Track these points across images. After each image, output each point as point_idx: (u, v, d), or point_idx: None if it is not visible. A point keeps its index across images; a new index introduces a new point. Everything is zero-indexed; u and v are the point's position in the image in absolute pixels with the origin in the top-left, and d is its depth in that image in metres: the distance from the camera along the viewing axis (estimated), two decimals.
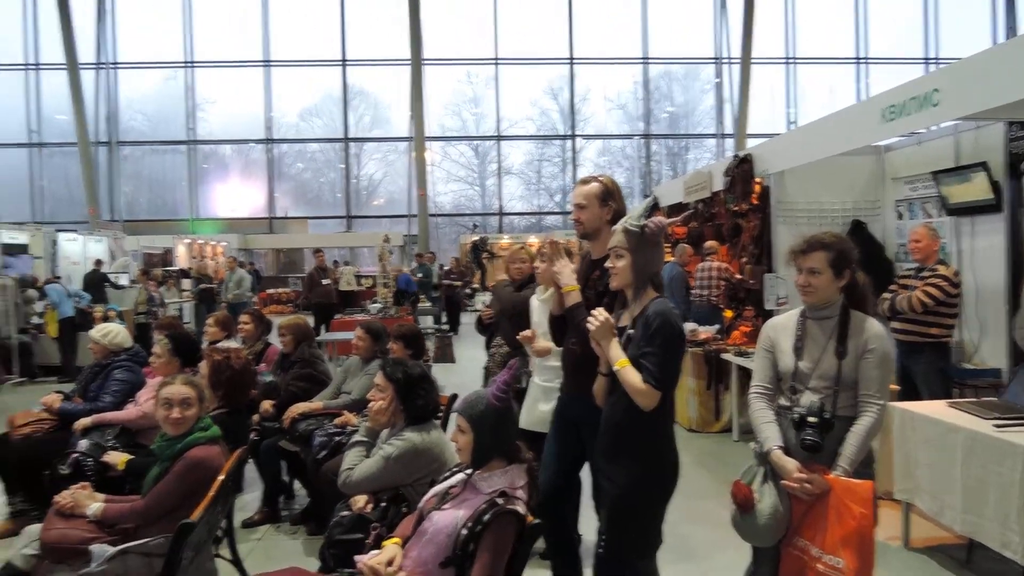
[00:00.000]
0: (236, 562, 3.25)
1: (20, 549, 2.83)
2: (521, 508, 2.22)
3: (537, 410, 3.40)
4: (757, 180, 6.63)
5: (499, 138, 22.20)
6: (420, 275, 13.41)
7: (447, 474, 2.50)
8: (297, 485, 4.64)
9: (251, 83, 21.17)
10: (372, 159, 22.70)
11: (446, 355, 10.07)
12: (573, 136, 22.25)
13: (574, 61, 21.62)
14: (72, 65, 18.77)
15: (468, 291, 15.04)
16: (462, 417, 2.33)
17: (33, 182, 20.71)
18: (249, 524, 4.28)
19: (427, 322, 12.47)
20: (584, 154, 22.64)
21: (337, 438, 3.94)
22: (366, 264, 19.62)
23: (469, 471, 2.35)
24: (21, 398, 8.20)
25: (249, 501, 4.63)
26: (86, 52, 19.66)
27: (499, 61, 21.55)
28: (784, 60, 21.80)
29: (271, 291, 15.80)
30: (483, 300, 14.15)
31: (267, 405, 4.55)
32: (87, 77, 19.69)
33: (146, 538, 2.76)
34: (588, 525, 3.04)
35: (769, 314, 5.52)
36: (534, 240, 16.91)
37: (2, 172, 20.47)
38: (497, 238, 19.86)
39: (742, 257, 6.98)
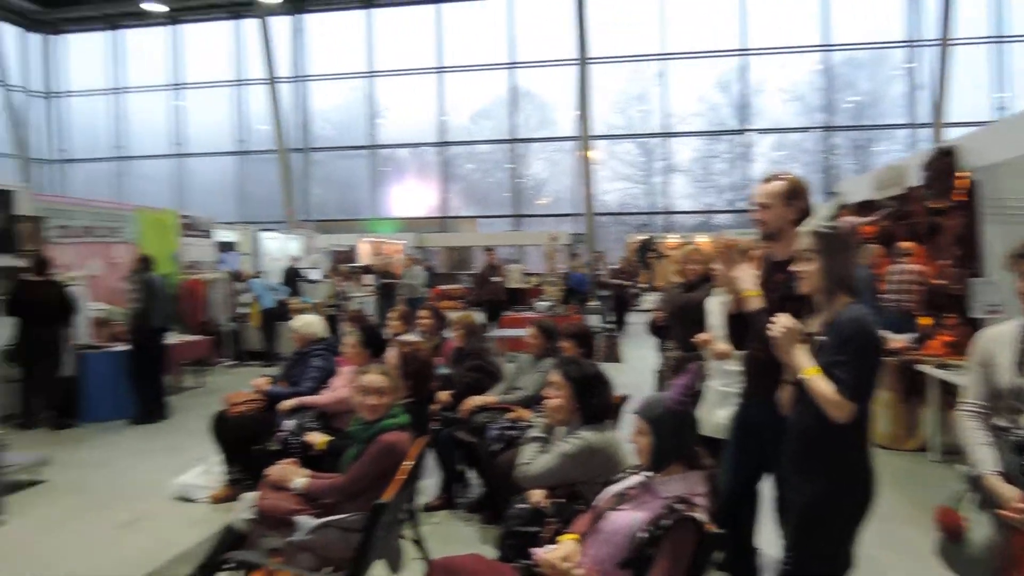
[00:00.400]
0: (418, 543, 3.46)
1: (239, 514, 3.19)
2: (701, 515, 2.18)
3: (714, 415, 3.32)
4: (961, 175, 6.00)
5: (666, 135, 21.74)
6: None
7: (622, 475, 2.51)
8: (472, 474, 4.83)
9: (425, 89, 22.25)
10: (538, 159, 23.08)
11: (613, 354, 10.04)
12: (743, 131, 21.29)
13: (746, 52, 20.69)
14: (271, 80, 20.74)
15: (635, 291, 14.89)
16: (641, 419, 2.33)
17: (239, 186, 23.14)
18: (428, 509, 4.53)
19: (592, 321, 12.49)
20: (757, 149, 21.61)
21: (511, 432, 4.07)
22: (531, 262, 19.99)
23: (647, 473, 2.35)
24: (232, 379, 9.21)
25: (426, 487, 4.89)
26: (283, 68, 21.63)
27: (666, 56, 21.10)
28: (991, 39, 19.50)
29: (443, 287, 16.55)
30: (650, 300, 13.95)
31: (445, 396, 4.78)
32: (284, 90, 21.65)
33: (343, 514, 3.02)
34: (767, 538, 2.92)
35: (976, 323, 4.99)
36: (703, 239, 16.41)
37: (215, 177, 23.07)
38: (662, 237, 19.48)
39: (943, 259, 6.35)
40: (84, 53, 23.59)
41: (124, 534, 4.30)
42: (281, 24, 21.71)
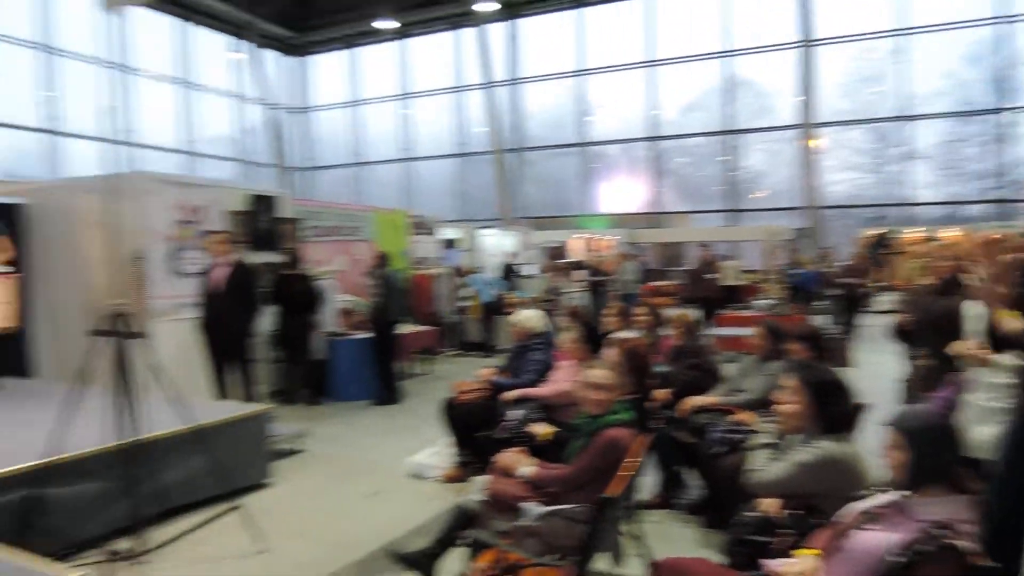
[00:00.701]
0: (638, 539, 3.47)
1: (471, 495, 3.41)
2: (966, 545, 1.96)
3: (976, 433, 2.96)
4: None
5: (903, 118, 19.59)
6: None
7: (868, 491, 2.34)
8: (690, 475, 4.73)
9: (635, 84, 22.06)
10: (755, 150, 21.93)
11: (842, 359, 9.27)
12: (1000, 110, 18.53)
13: (1006, 19, 18.00)
14: (488, 85, 21.78)
15: (866, 290, 13.64)
16: (898, 432, 2.14)
17: (459, 186, 24.58)
18: (646, 507, 4.51)
19: (819, 322, 11.63)
20: (1021, 129, 18.71)
21: (734, 435, 3.93)
22: (747, 259, 19.04)
23: (901, 492, 2.16)
24: (455, 368, 9.84)
25: (643, 485, 4.86)
26: (498, 72, 22.60)
27: (903, 32, 19.00)
28: None
29: (655, 283, 16.34)
30: (886, 301, 12.69)
31: (662, 394, 4.73)
32: (500, 93, 22.63)
33: (567, 504, 3.11)
34: None
35: None
36: (950, 233, 14.59)
37: (438, 179, 24.73)
38: (898, 232, 17.60)
39: None
40: (326, 71, 26.41)
41: (368, 504, 4.77)
42: (497, 31, 22.69)
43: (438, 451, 5.28)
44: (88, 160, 17.33)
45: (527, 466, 3.29)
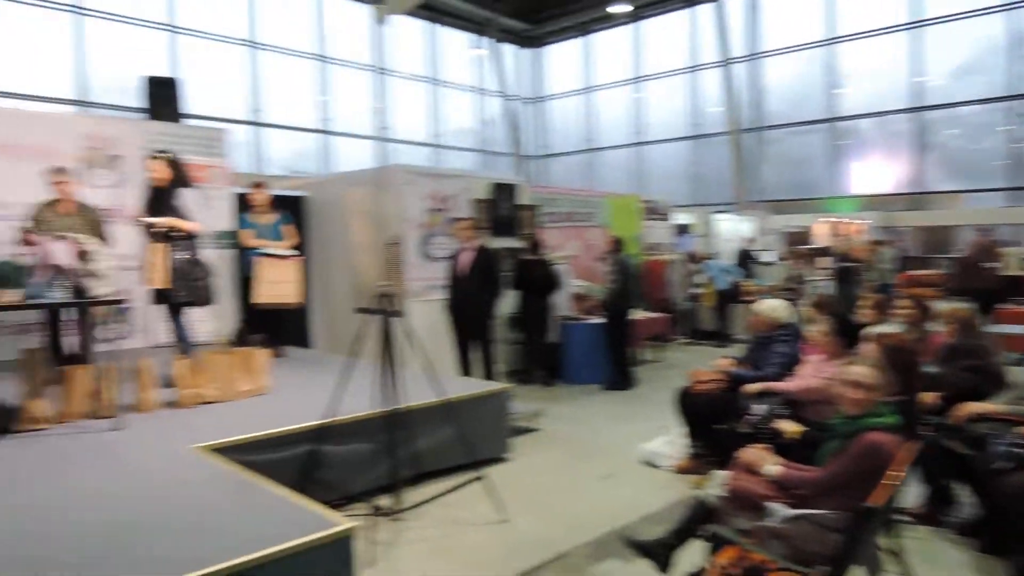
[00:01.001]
0: (897, 556, 3.14)
1: (711, 489, 3.31)
2: None
3: None
4: None
5: None
6: None
7: None
8: (961, 489, 4.18)
9: (895, 49, 19.74)
10: None
11: None
12: None
13: None
14: (726, 62, 20.80)
15: None
16: None
17: (692, 169, 23.84)
18: (908, 521, 4.06)
19: None
20: None
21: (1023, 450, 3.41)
22: None
23: None
24: (687, 356, 9.64)
25: (904, 495, 4.39)
26: (736, 48, 21.50)
27: None
28: None
29: (914, 272, 14.59)
30: None
31: (931, 397, 4.22)
32: (738, 70, 21.53)
33: (815, 509, 2.89)
34: None
35: None
36: None
37: (670, 162, 24.19)
38: None
39: None
40: (561, 60, 26.98)
41: (601, 486, 4.84)
42: (735, 3, 21.58)
43: (671, 440, 5.20)
44: (355, 156, 19.51)
45: (773, 464, 3.11)
